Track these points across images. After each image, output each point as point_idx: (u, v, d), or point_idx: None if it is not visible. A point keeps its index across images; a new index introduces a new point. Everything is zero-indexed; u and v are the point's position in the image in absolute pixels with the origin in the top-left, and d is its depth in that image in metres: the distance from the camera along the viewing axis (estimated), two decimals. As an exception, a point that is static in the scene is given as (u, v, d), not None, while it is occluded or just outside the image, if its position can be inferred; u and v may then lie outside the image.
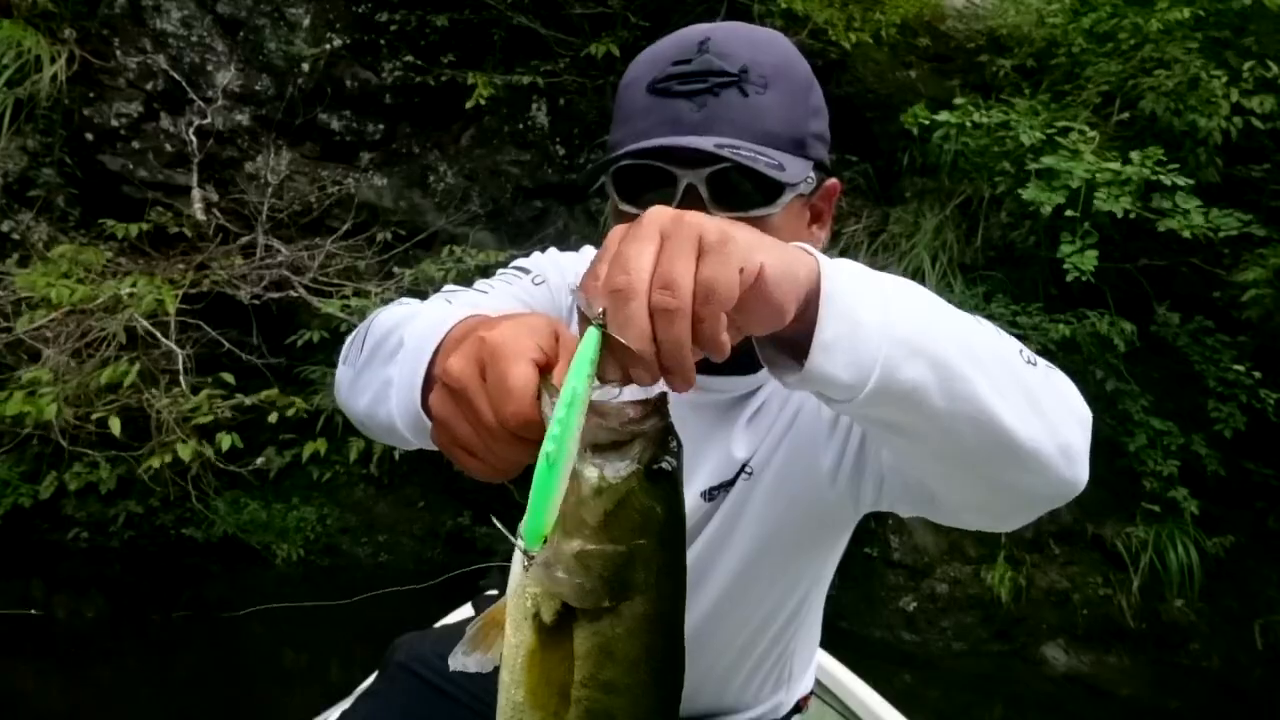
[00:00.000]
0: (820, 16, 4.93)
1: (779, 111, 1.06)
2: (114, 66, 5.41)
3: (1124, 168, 3.99)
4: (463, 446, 0.70)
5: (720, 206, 1.03)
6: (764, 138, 1.04)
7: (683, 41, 1.09)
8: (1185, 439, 4.71)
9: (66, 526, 5.30)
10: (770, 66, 1.06)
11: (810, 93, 1.11)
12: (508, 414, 0.66)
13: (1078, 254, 4.03)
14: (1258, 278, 4.45)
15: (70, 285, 3.91)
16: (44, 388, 3.78)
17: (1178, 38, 4.63)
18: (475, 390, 0.68)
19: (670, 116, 1.05)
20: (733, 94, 1.04)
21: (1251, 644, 4.83)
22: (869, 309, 0.73)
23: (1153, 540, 4.60)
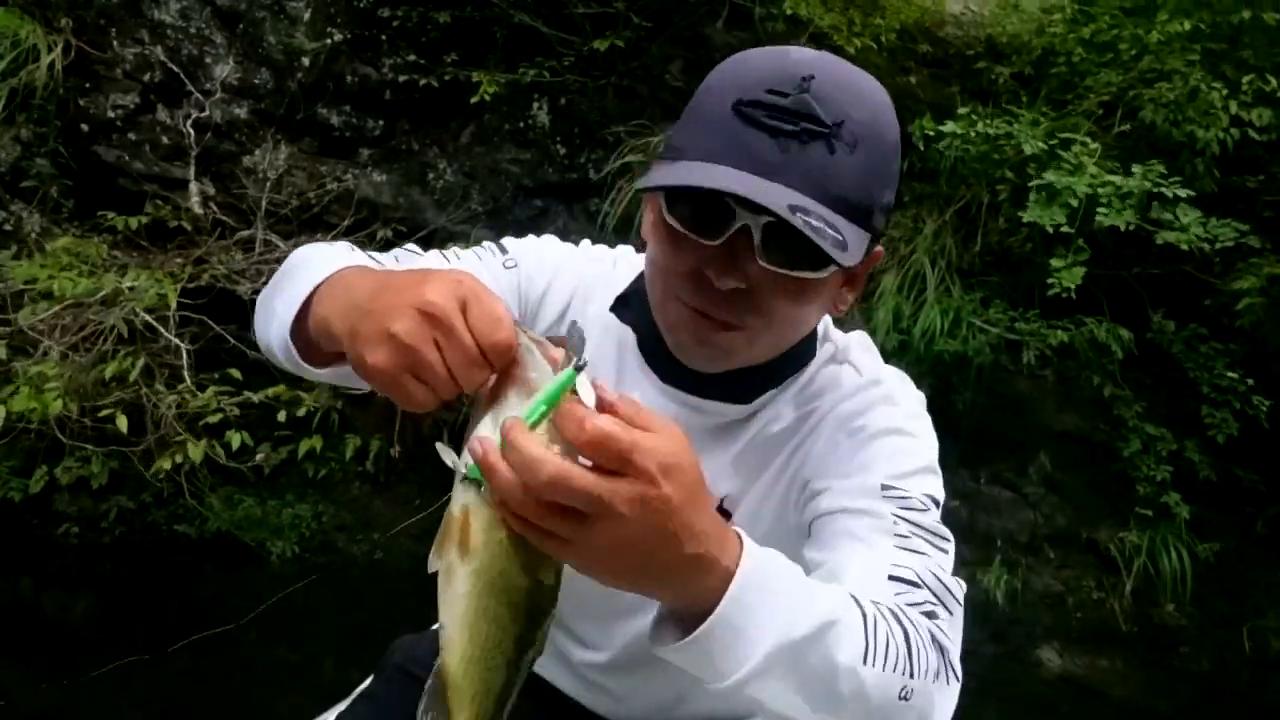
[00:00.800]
0: (826, 21, 4.94)
1: (858, 177, 1.02)
2: (110, 57, 5.35)
3: (1125, 180, 4.04)
4: (421, 371, 0.78)
5: (769, 258, 1.01)
6: (835, 201, 0.99)
7: (784, 69, 1.02)
8: (1178, 445, 4.79)
9: (57, 522, 5.25)
10: (863, 126, 1.01)
11: (892, 161, 1.07)
12: (498, 339, 0.76)
13: (1066, 269, 4.08)
14: (1251, 286, 4.51)
15: (73, 278, 3.86)
16: (50, 383, 3.72)
17: (1176, 49, 4.70)
18: (458, 318, 0.76)
19: (748, 148, 0.99)
20: (819, 147, 0.99)
21: (1240, 647, 4.91)
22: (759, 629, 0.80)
23: (1146, 545, 4.66)
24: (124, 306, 4.36)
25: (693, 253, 1.04)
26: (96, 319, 4.11)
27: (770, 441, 1.21)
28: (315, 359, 1.01)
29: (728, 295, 1.03)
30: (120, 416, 3.85)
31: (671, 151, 1.07)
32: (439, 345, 0.77)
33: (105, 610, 5.10)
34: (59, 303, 3.85)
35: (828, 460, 1.15)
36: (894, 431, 1.14)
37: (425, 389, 0.79)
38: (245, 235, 5.24)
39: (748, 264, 1.01)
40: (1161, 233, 4.14)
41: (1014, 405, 5.16)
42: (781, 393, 1.22)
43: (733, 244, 1.01)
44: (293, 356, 1.00)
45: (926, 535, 1.05)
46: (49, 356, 3.79)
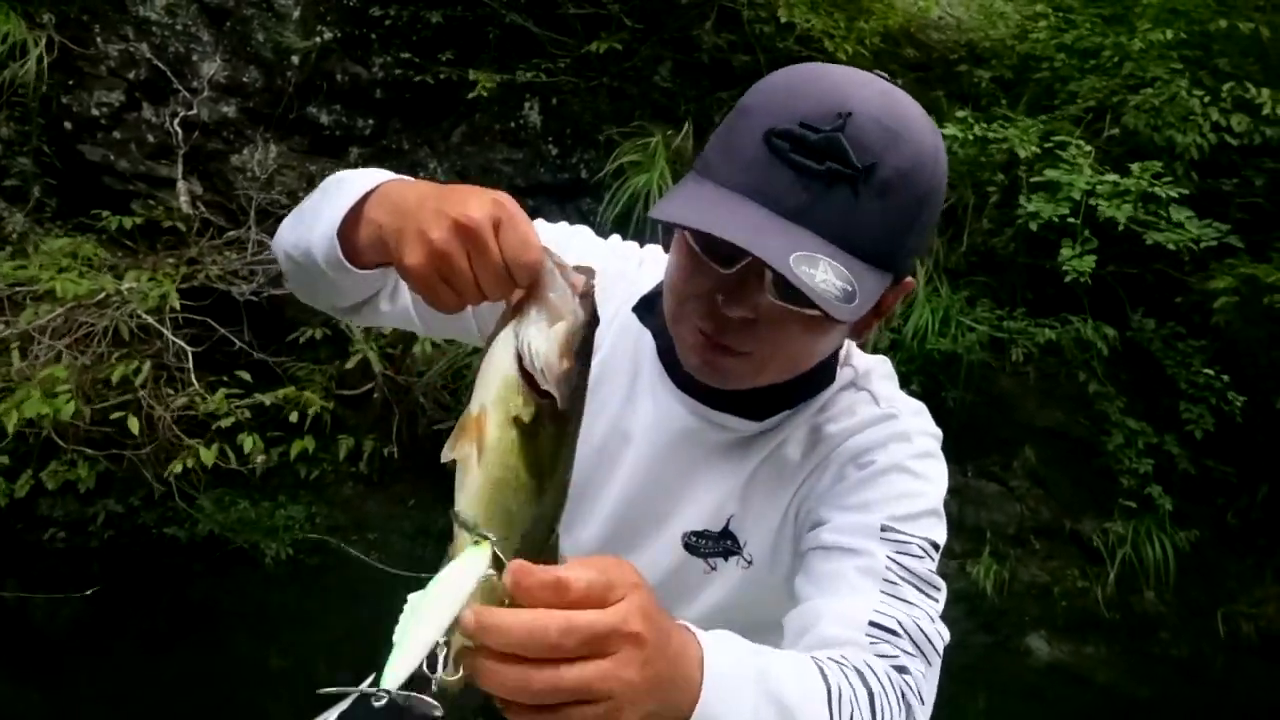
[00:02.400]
0: (818, 26, 5.03)
1: (882, 225, 0.98)
2: (94, 54, 5.26)
3: (1123, 180, 4.18)
4: (452, 278, 0.85)
5: (779, 294, 0.99)
6: (853, 249, 0.96)
7: (823, 103, 0.97)
8: (1158, 439, 4.96)
9: (43, 526, 5.16)
10: (897, 172, 0.96)
11: (923, 209, 1.02)
12: (526, 260, 0.82)
13: (1077, 258, 4.20)
14: (1227, 286, 4.69)
15: (73, 279, 3.81)
16: (61, 386, 3.66)
17: (1153, 56, 4.85)
18: (490, 234, 0.83)
19: (770, 186, 0.97)
20: (844, 192, 0.95)
21: (1215, 633, 5.11)
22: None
23: (1130, 535, 4.83)
24: (120, 308, 4.30)
25: (707, 277, 1.03)
26: (97, 321, 4.05)
27: (782, 468, 1.19)
28: (358, 262, 1.04)
29: (736, 323, 1.03)
30: (132, 418, 3.81)
31: (702, 165, 1.05)
32: (470, 257, 0.84)
33: (93, 615, 5.03)
34: (61, 304, 3.78)
35: (833, 491, 1.14)
36: (902, 470, 1.13)
37: (453, 294, 0.86)
38: (234, 235, 5.19)
39: (758, 296, 1.00)
40: (1150, 233, 4.28)
41: (998, 402, 5.31)
42: (796, 414, 1.20)
43: (745, 275, 1.00)
44: (335, 254, 1.03)
45: (917, 583, 1.04)
46: (60, 360, 3.72)
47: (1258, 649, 5.13)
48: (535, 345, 0.83)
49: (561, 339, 0.83)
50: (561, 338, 0.83)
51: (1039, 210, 4.23)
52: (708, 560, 1.22)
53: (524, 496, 0.84)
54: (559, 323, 0.83)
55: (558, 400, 0.83)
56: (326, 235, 1.03)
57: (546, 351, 0.83)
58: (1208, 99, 4.55)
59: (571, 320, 0.84)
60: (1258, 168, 4.98)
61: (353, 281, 1.07)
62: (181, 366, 4.18)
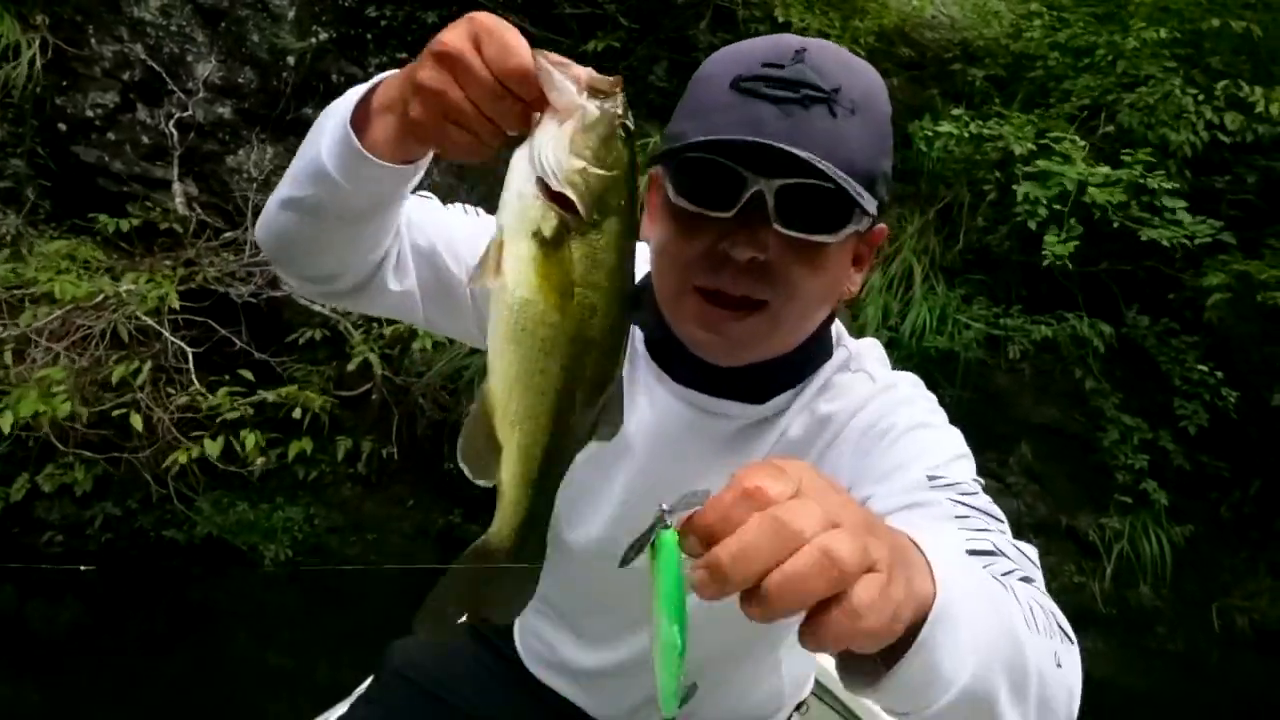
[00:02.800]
0: (814, 26, 5.05)
1: (861, 141, 1.01)
2: (89, 55, 5.26)
3: (1114, 170, 4.21)
4: (453, 114, 0.80)
5: (784, 222, 0.99)
6: (844, 164, 0.98)
7: (777, 46, 1.03)
8: (1153, 434, 5.00)
9: (40, 530, 5.14)
10: (860, 93, 1.01)
11: (888, 130, 1.07)
12: (511, 67, 0.77)
13: (1060, 244, 4.23)
14: (1221, 283, 4.73)
15: (73, 281, 3.80)
16: (58, 386, 3.65)
17: (1145, 55, 4.89)
18: (472, 54, 0.78)
19: (752, 118, 0.98)
20: (822, 111, 0.99)
21: (1210, 627, 5.15)
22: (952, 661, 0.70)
23: (1127, 530, 4.86)
24: (118, 309, 4.29)
25: (705, 231, 1.02)
26: (94, 323, 4.04)
27: (790, 450, 1.16)
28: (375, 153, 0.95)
29: (746, 268, 1.01)
30: (135, 416, 3.79)
31: (670, 140, 1.05)
32: (462, 85, 0.79)
33: (91, 618, 5.02)
34: (60, 306, 3.77)
35: (861, 468, 1.10)
36: (920, 426, 1.12)
37: (465, 133, 0.81)
38: (231, 237, 5.18)
39: (764, 233, 0.99)
40: (1145, 229, 4.32)
41: (995, 399, 5.34)
42: (797, 396, 1.18)
43: (747, 213, 0.99)
44: (350, 144, 0.93)
45: (983, 515, 1.01)
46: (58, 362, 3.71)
47: (1252, 642, 5.18)
48: (544, 149, 0.77)
49: (569, 135, 0.77)
50: (569, 134, 0.77)
51: (1030, 193, 4.25)
52: None
53: (553, 326, 0.79)
54: (566, 121, 0.77)
55: (578, 206, 0.77)
56: (338, 132, 0.95)
57: (555, 150, 0.77)
58: (1201, 97, 4.60)
59: (579, 116, 0.78)
60: (1249, 165, 5.03)
61: (372, 184, 0.97)
62: (180, 368, 4.16)
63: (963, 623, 0.71)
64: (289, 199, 1.03)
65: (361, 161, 0.93)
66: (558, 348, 0.79)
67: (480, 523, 4.30)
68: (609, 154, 0.78)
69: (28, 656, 4.63)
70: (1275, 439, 5.33)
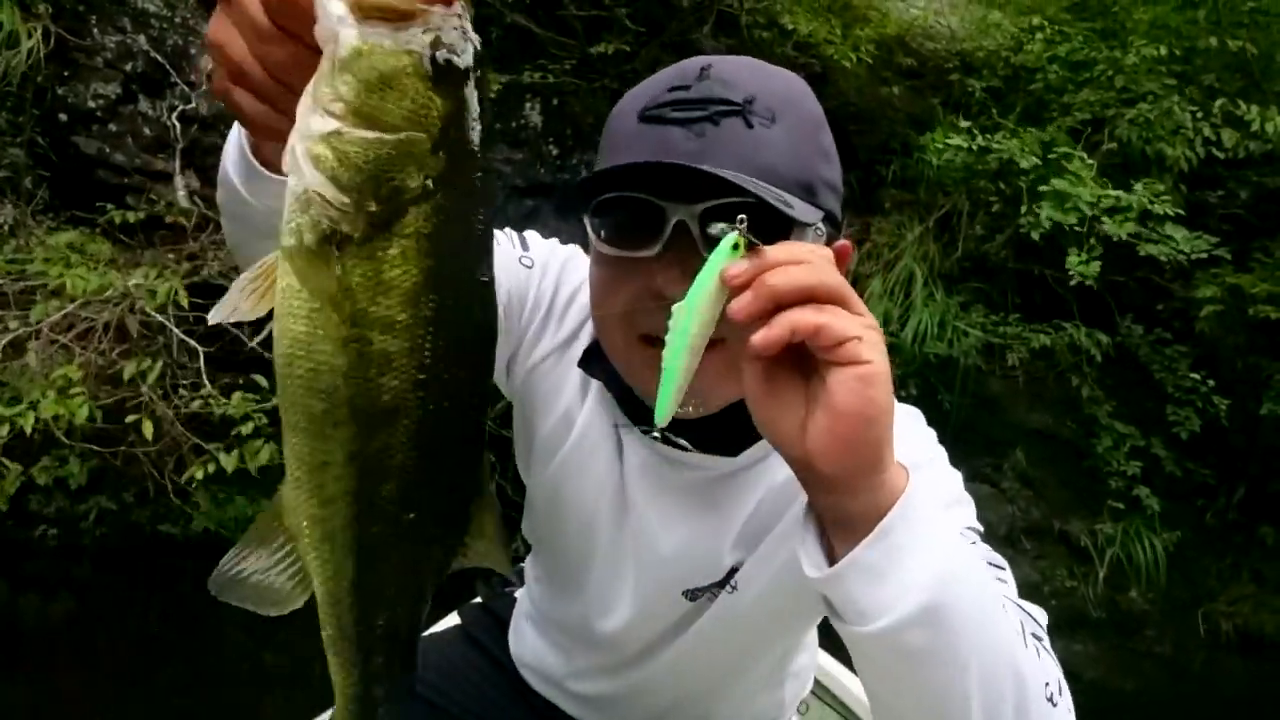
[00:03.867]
0: (820, 33, 5.11)
1: (786, 148, 0.93)
2: (90, 45, 5.19)
3: (1125, 196, 4.31)
4: (241, 78, 0.64)
5: (712, 248, 0.87)
6: (768, 175, 0.90)
7: (682, 69, 0.97)
8: (1145, 441, 5.11)
9: (33, 524, 5.07)
10: (778, 98, 0.95)
11: (820, 132, 0.99)
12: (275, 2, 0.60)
13: (1083, 264, 4.33)
14: (1213, 295, 4.84)
15: (82, 276, 3.76)
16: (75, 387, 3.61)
17: (1142, 71, 5.00)
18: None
19: (661, 144, 0.91)
20: (735, 123, 0.92)
21: (1196, 630, 5.28)
22: (920, 555, 0.71)
23: (1120, 536, 4.97)
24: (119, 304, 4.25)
25: (637, 273, 0.94)
26: (98, 316, 4.00)
27: (780, 497, 1.08)
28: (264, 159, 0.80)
29: None
30: (146, 422, 3.77)
31: (586, 176, 0.98)
32: (241, 34, 0.64)
33: (84, 614, 4.97)
34: (70, 300, 3.74)
35: None
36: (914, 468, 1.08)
37: (254, 99, 0.65)
38: (233, 230, 5.14)
39: (696, 264, 0.85)
40: (1144, 245, 4.42)
41: (990, 405, 5.43)
42: None
43: (674, 247, 0.91)
44: (243, 157, 0.81)
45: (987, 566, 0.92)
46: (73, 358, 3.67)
47: (1236, 646, 5.31)
48: (301, 118, 0.53)
49: (319, 91, 0.52)
50: (318, 88, 0.52)
51: (1053, 216, 4.34)
52: (703, 597, 1.15)
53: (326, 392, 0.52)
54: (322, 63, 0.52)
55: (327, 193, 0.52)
56: (234, 141, 0.83)
57: (304, 115, 0.52)
58: (1200, 114, 4.70)
59: (329, 52, 0.52)
60: (1241, 180, 5.15)
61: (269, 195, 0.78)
62: (183, 364, 4.13)
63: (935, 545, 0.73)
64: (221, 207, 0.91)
65: (250, 168, 0.79)
66: (339, 427, 0.53)
67: None
68: (390, 106, 0.52)
69: (18, 652, 4.57)
70: (1258, 447, 5.47)
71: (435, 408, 0.53)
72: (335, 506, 0.55)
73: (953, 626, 0.72)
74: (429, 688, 1.44)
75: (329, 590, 0.58)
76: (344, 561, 0.56)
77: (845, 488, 0.72)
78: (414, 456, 0.54)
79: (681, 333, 0.67)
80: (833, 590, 0.74)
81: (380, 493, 0.54)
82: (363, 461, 0.54)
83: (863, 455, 0.71)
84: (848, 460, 0.70)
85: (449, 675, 1.46)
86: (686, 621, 1.16)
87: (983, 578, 0.80)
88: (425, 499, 0.55)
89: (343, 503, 0.55)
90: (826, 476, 0.72)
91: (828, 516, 0.76)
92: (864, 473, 0.71)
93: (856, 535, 0.72)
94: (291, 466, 0.56)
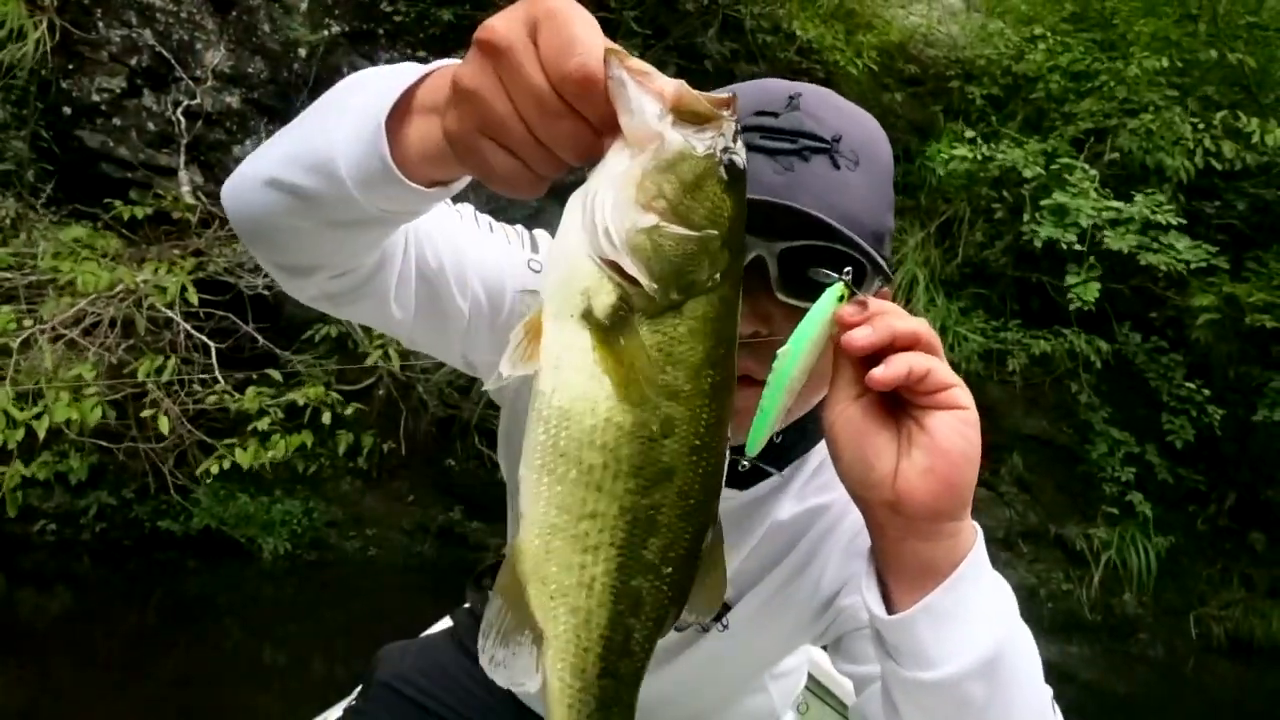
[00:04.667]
0: (828, 39, 5.15)
1: (866, 194, 0.91)
2: (95, 39, 5.18)
3: (1127, 207, 4.38)
4: (496, 131, 0.60)
5: (787, 290, 0.87)
6: (849, 221, 0.86)
7: (766, 90, 0.94)
8: (1140, 449, 5.18)
9: (32, 519, 5.05)
10: (861, 142, 0.93)
11: (890, 182, 0.97)
12: (570, 68, 0.57)
13: (1082, 285, 4.40)
14: (1210, 304, 4.91)
15: (95, 271, 3.75)
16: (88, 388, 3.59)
17: (1143, 82, 5.07)
18: (525, 48, 0.58)
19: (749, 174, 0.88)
20: (823, 163, 0.89)
21: (1188, 634, 5.36)
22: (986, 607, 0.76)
23: (1116, 541, 5.04)
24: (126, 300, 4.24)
25: None
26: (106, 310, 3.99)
27: (781, 535, 1.09)
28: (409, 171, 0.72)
29: (745, 344, 0.84)
30: (163, 418, 3.76)
31: None
32: (509, 92, 0.59)
33: (82, 609, 4.95)
34: (83, 296, 3.72)
35: (852, 574, 1.03)
36: None
37: (508, 158, 0.61)
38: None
39: (765, 303, 0.88)
40: (1144, 254, 4.48)
41: (986, 410, 5.47)
42: (787, 481, 1.10)
43: (746, 281, 0.84)
44: (381, 152, 0.70)
45: None
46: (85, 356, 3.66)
47: (1226, 651, 5.40)
48: (602, 195, 0.56)
49: (638, 178, 0.55)
50: (638, 176, 0.56)
51: (1050, 235, 4.40)
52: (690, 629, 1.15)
53: (607, 449, 0.56)
54: (637, 157, 0.56)
55: (643, 280, 0.56)
56: (365, 129, 0.71)
57: (616, 198, 0.56)
58: (1202, 125, 4.78)
59: (655, 151, 0.56)
60: (1239, 191, 5.23)
61: (390, 202, 0.75)
62: (189, 359, 4.12)
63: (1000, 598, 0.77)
64: (277, 180, 0.79)
65: (387, 176, 0.71)
66: (616, 481, 0.56)
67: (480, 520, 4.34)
68: (698, 206, 0.57)
69: (15, 647, 4.55)
70: (1249, 455, 5.55)
71: (702, 472, 0.59)
72: (597, 555, 0.58)
73: (1010, 680, 0.75)
74: (420, 691, 1.45)
75: (575, 638, 0.60)
76: (597, 610, 0.59)
77: (928, 532, 0.74)
78: (679, 515, 0.58)
79: (783, 374, 0.69)
80: (900, 634, 0.75)
81: (646, 546, 0.58)
82: (634, 515, 0.58)
83: (960, 495, 0.73)
84: (944, 500, 0.72)
85: (439, 679, 1.46)
86: (673, 652, 1.17)
87: (1029, 635, 0.82)
88: (680, 556, 0.59)
89: (606, 553, 0.58)
90: (914, 518, 0.73)
91: (895, 563, 0.76)
92: (952, 515, 0.74)
93: (929, 581, 0.73)
94: (548, 514, 0.58)
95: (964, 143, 4.86)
